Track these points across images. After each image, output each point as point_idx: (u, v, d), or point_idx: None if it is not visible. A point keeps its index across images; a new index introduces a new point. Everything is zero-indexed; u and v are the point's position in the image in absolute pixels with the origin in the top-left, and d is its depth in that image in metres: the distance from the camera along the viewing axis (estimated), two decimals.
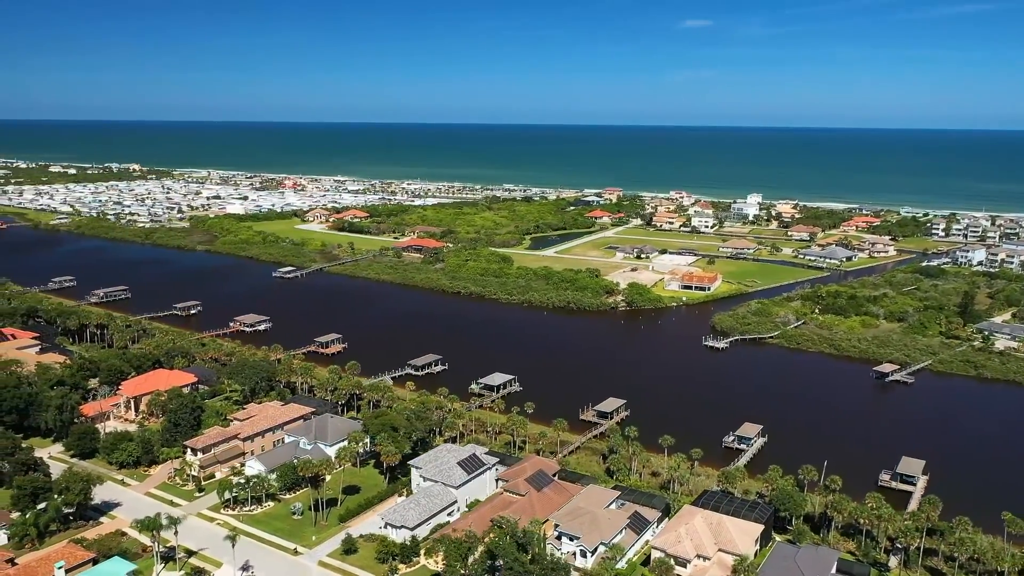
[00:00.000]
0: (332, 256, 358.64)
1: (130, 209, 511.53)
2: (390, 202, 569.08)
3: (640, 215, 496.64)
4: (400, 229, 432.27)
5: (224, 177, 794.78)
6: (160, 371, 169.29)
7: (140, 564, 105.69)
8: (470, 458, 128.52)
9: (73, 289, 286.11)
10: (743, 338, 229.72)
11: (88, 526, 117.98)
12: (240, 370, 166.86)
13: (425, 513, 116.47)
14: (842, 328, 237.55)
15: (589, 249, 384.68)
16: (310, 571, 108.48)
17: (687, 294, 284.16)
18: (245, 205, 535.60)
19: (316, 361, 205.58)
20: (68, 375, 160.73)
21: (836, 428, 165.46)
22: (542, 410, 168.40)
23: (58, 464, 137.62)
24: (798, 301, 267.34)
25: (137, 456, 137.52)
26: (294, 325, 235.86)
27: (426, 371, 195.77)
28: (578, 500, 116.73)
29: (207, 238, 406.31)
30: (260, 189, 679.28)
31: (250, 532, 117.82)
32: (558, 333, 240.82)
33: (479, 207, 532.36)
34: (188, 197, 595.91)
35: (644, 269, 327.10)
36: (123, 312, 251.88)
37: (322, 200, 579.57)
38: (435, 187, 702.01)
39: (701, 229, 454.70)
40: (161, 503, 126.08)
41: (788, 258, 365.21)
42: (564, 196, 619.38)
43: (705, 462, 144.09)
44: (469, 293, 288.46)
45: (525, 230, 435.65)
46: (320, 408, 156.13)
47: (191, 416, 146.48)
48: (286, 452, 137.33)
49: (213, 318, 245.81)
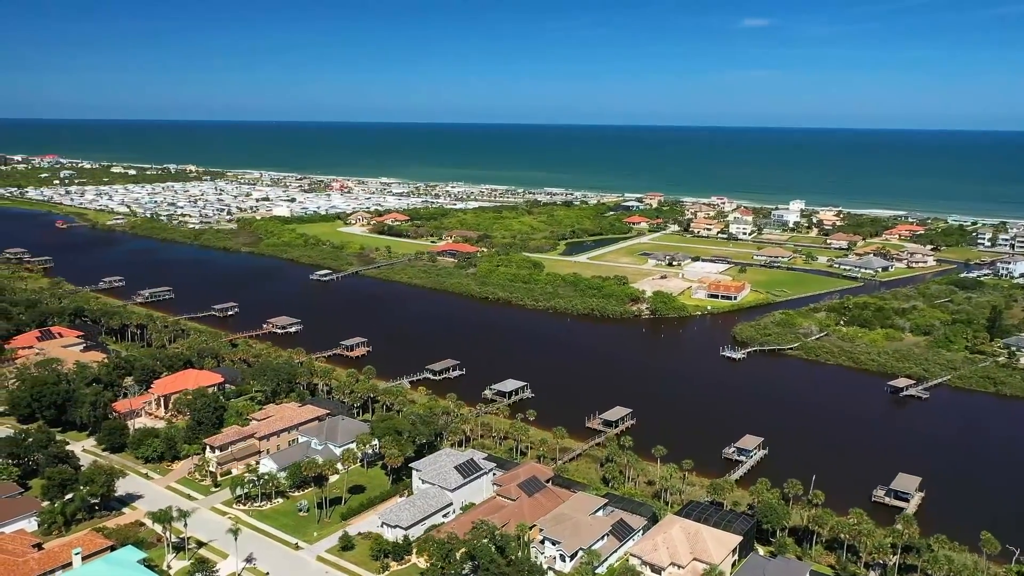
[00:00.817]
0: (369, 259, 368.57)
1: (182, 210, 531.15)
2: (432, 205, 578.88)
3: (678, 221, 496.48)
4: (438, 233, 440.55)
5: (275, 179, 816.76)
6: (189, 371, 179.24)
7: (153, 553, 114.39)
8: (467, 463, 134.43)
9: (122, 289, 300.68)
10: (761, 349, 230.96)
11: (111, 516, 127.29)
12: (262, 372, 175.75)
13: (419, 514, 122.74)
14: (864, 341, 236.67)
15: (622, 255, 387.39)
16: (308, 565, 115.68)
17: (713, 303, 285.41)
18: (292, 207, 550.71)
19: (341, 364, 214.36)
20: (104, 373, 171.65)
21: (840, 442, 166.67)
22: (551, 417, 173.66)
23: (89, 457, 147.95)
24: (824, 312, 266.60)
25: (161, 452, 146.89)
26: (324, 328, 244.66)
27: (443, 376, 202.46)
28: (565, 506, 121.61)
29: (252, 240, 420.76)
30: (308, 191, 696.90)
31: (257, 526, 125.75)
32: (578, 340, 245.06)
33: (519, 211, 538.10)
34: (238, 199, 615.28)
35: (674, 277, 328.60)
36: (166, 312, 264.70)
37: (367, 203, 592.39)
38: (478, 190, 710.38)
39: (739, 236, 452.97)
40: (179, 497, 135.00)
41: (823, 267, 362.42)
42: (605, 201, 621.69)
43: (703, 473, 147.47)
44: (497, 298, 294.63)
45: (561, 235, 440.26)
46: (335, 410, 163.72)
47: (213, 415, 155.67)
48: (298, 452, 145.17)
49: (248, 319, 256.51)
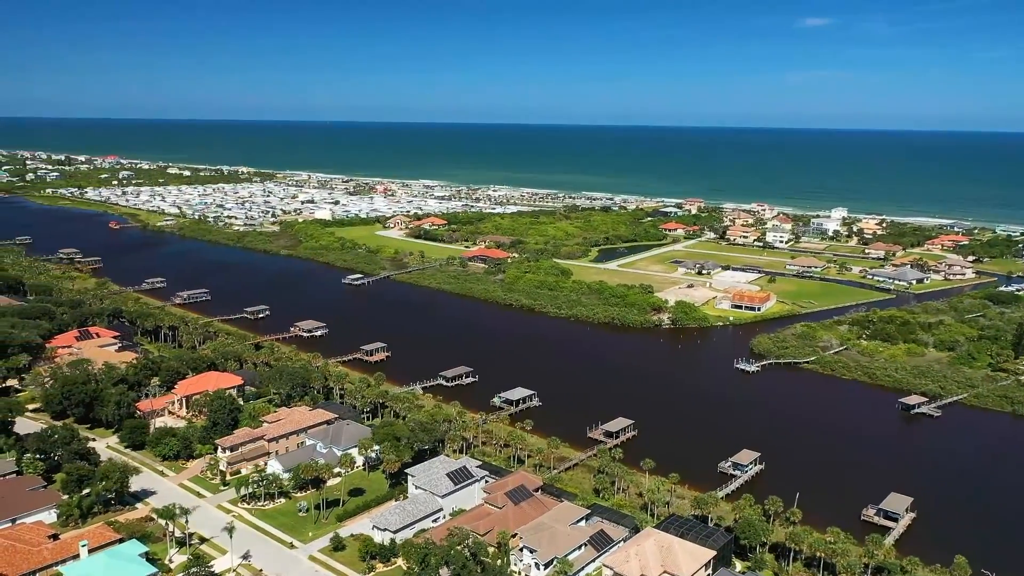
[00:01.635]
0: (402, 264, 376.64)
1: (230, 212, 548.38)
2: (471, 209, 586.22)
3: (714, 228, 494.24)
4: (472, 238, 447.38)
5: (322, 181, 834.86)
6: (211, 373, 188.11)
7: (159, 547, 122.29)
8: (459, 470, 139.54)
9: (163, 290, 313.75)
10: (777, 362, 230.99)
11: (124, 510, 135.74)
12: (278, 376, 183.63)
13: (409, 518, 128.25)
14: (884, 356, 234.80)
15: (653, 263, 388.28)
16: (300, 563, 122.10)
17: (735, 314, 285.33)
18: (335, 210, 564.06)
19: (360, 368, 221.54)
20: (131, 374, 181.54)
21: (841, 459, 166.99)
22: (556, 426, 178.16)
23: (112, 454, 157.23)
24: (847, 325, 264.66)
25: (177, 450, 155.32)
26: (349, 332, 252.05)
27: (456, 383, 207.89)
28: (547, 515, 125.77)
29: (292, 243, 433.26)
30: (353, 194, 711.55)
31: (258, 525, 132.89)
32: (594, 349, 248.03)
33: (556, 216, 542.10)
34: (284, 201, 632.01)
35: (701, 286, 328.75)
36: (202, 313, 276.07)
37: (408, 206, 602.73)
38: (519, 194, 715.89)
39: (775, 245, 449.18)
40: (189, 494, 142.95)
41: (856, 278, 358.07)
42: (644, 206, 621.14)
43: (697, 486, 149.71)
44: (521, 305, 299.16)
45: (594, 241, 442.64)
46: (345, 415, 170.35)
47: (228, 416, 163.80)
48: (303, 454, 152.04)
49: (278, 322, 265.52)
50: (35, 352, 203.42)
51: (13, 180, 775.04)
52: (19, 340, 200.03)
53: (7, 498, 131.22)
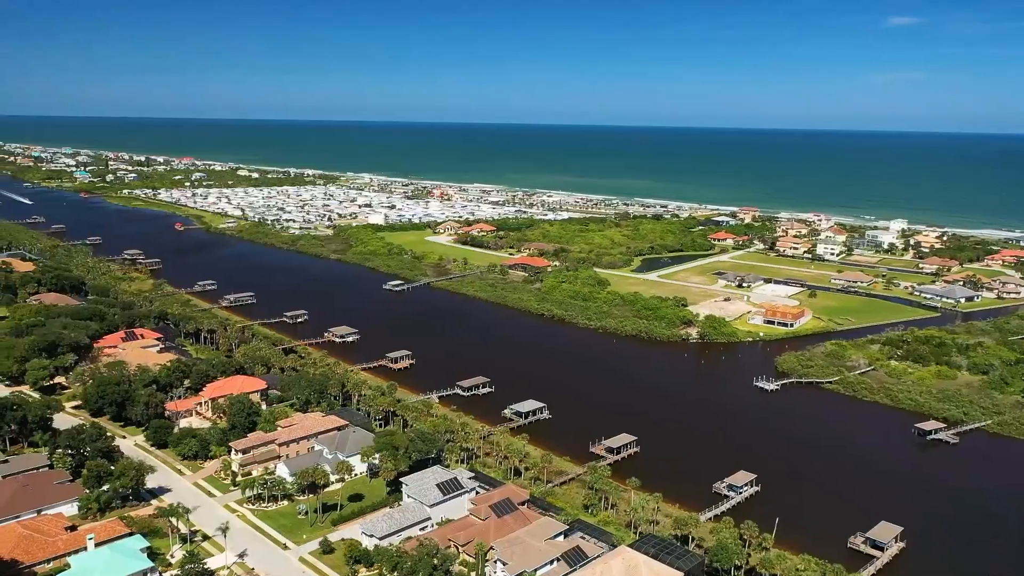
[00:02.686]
0: (444, 270, 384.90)
1: (289, 215, 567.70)
2: (522, 215, 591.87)
3: (763, 239, 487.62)
4: (518, 245, 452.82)
5: (382, 184, 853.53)
6: (238, 377, 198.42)
7: (164, 543, 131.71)
8: (450, 481, 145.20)
9: (213, 292, 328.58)
10: (799, 381, 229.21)
11: (140, 506, 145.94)
12: (297, 381, 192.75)
13: (396, 525, 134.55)
14: (912, 378, 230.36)
15: (694, 274, 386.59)
16: (290, 564, 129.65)
17: (767, 329, 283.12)
18: (389, 214, 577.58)
19: (384, 375, 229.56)
20: (163, 375, 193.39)
21: (841, 483, 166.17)
22: (562, 439, 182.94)
23: (139, 452, 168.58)
24: (880, 344, 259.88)
25: (196, 450, 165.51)
26: (380, 338, 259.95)
27: (472, 392, 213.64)
28: (525, 529, 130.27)
29: (342, 247, 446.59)
30: (411, 197, 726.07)
31: (259, 525, 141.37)
32: (616, 362, 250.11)
33: (606, 224, 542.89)
34: (343, 204, 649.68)
35: (738, 299, 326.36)
36: (245, 317, 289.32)
37: (461, 211, 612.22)
38: (573, 199, 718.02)
39: (826, 257, 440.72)
40: (201, 492, 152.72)
41: (903, 294, 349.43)
42: (698, 214, 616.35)
43: (689, 505, 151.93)
44: (552, 316, 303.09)
45: (638, 251, 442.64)
46: (357, 421, 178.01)
47: (246, 420, 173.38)
48: (310, 459, 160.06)
49: (315, 327, 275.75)
50: (82, 352, 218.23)
51: (95, 181, 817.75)
52: (68, 340, 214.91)
53: (36, 490, 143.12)
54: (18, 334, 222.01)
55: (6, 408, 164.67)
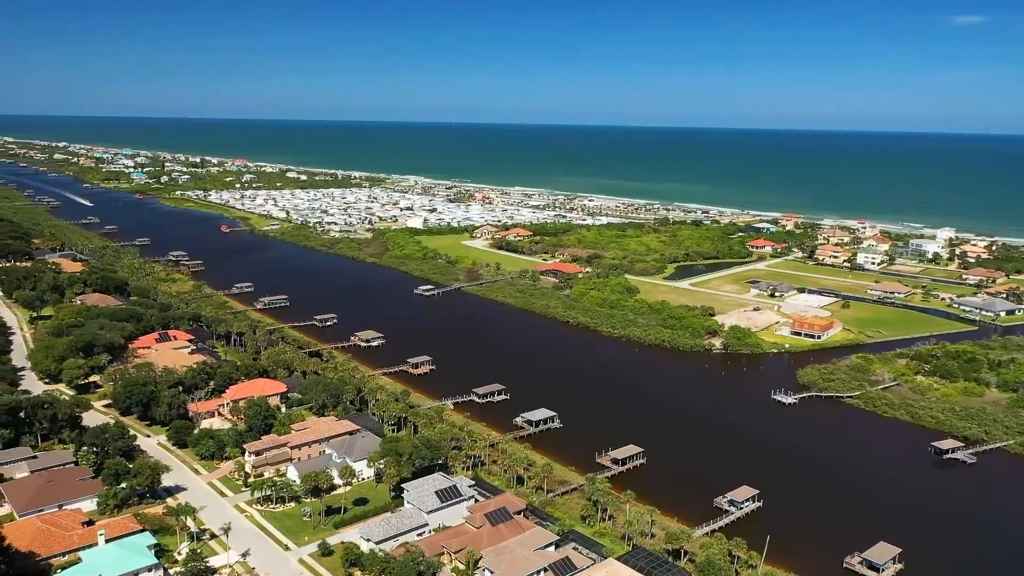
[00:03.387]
0: (476, 275, 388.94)
1: (331, 218, 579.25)
2: (560, 220, 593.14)
3: (802, 247, 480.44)
4: (553, 250, 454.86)
5: (426, 186, 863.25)
6: (259, 380, 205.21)
7: (173, 540, 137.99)
8: (449, 488, 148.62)
9: (250, 294, 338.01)
10: (818, 395, 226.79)
11: (155, 504, 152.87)
12: (314, 386, 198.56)
13: (393, 531, 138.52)
14: (937, 394, 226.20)
15: (727, 282, 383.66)
16: (289, 564, 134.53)
17: (793, 340, 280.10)
18: (429, 218, 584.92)
19: (404, 381, 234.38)
20: (188, 377, 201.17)
21: (847, 501, 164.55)
22: (570, 448, 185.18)
23: (159, 450, 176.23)
24: (908, 359, 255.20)
25: (213, 451, 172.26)
26: (405, 343, 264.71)
27: (487, 400, 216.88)
28: (515, 539, 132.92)
29: (379, 250, 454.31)
30: (453, 200, 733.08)
31: (264, 525, 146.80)
32: (634, 372, 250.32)
33: (644, 229, 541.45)
34: (385, 207, 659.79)
35: (768, 309, 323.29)
36: (277, 319, 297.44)
37: (501, 215, 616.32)
38: (614, 204, 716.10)
39: (866, 266, 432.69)
40: (214, 492, 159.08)
41: (941, 306, 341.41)
42: (739, 220, 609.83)
43: (689, 520, 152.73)
44: (577, 323, 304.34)
45: (673, 258, 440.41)
46: (369, 427, 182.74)
47: (262, 422, 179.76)
48: (319, 463, 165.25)
49: (343, 330, 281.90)
50: (117, 352, 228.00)
51: (150, 182, 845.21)
52: (103, 340, 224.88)
53: (59, 486, 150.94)
54: (58, 334, 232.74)
55: (38, 406, 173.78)
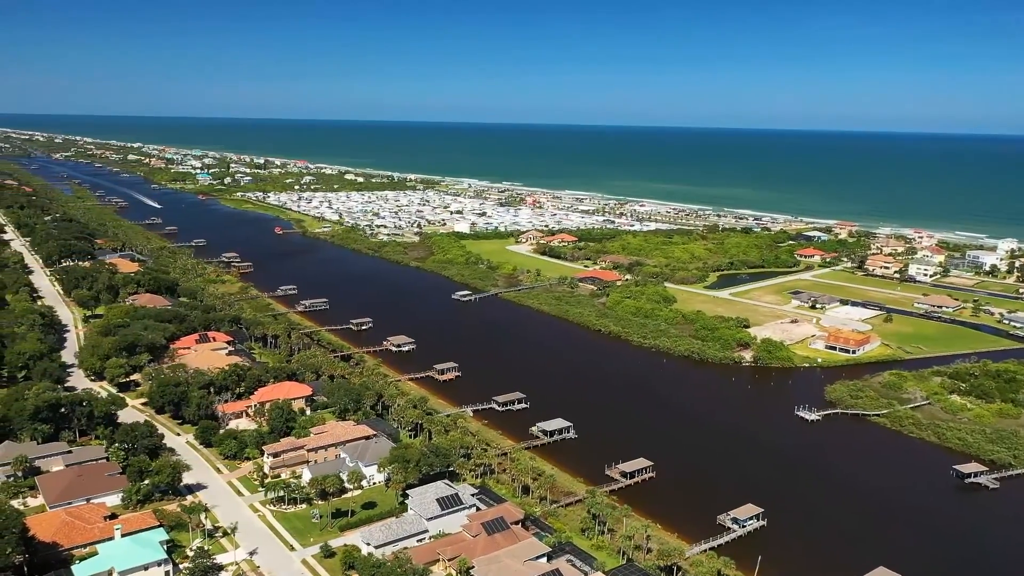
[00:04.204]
0: (515, 281, 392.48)
1: (381, 221, 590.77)
2: (608, 225, 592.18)
3: (851, 257, 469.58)
4: (595, 257, 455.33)
5: (478, 190, 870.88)
6: (285, 383, 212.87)
7: (188, 536, 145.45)
8: (451, 496, 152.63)
9: (293, 297, 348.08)
10: (844, 412, 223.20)
11: (175, 500, 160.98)
12: (334, 391, 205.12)
13: (392, 536, 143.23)
14: (969, 415, 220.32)
15: (768, 293, 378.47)
16: (292, 565, 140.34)
17: (827, 355, 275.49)
18: (478, 222, 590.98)
19: (431, 387, 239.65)
20: (219, 378, 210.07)
21: (852, 523, 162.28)
22: (583, 459, 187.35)
23: (186, 448, 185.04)
24: (944, 377, 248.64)
25: (235, 451, 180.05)
26: (435, 348, 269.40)
27: (507, 408, 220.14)
28: (506, 550, 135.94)
29: (424, 254, 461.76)
30: (505, 204, 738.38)
31: (274, 525, 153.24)
32: (658, 383, 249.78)
33: (692, 236, 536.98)
34: (436, 210, 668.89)
35: (807, 322, 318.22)
36: (316, 322, 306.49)
37: (549, 220, 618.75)
38: (665, 209, 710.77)
39: (917, 278, 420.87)
40: (231, 491, 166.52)
41: (991, 322, 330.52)
42: (791, 228, 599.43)
43: (690, 536, 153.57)
44: (608, 332, 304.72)
45: (716, 266, 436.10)
46: (385, 432, 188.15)
47: (283, 425, 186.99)
48: (333, 466, 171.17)
49: (378, 335, 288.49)
50: (159, 352, 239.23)
51: (214, 183, 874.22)
52: (145, 340, 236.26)
53: (88, 480, 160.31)
54: (105, 333, 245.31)
55: (76, 404, 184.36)
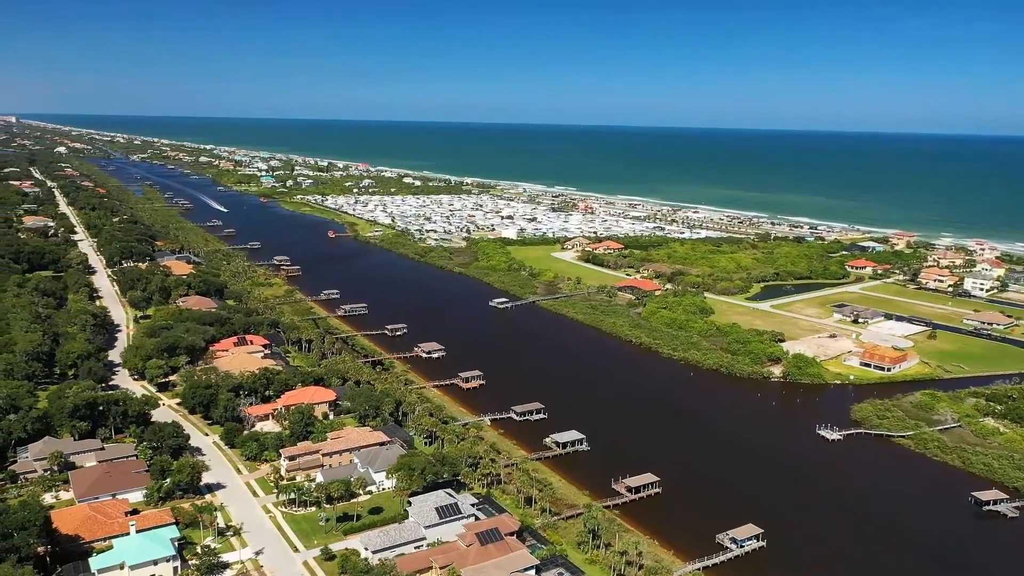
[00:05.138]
0: (554, 289, 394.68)
1: (432, 225, 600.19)
2: (658, 232, 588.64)
3: (903, 269, 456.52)
4: (638, 265, 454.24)
5: (533, 194, 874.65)
6: (310, 388, 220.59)
7: (200, 533, 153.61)
8: (450, 505, 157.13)
9: (335, 301, 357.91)
10: (868, 432, 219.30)
11: (194, 498, 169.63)
12: (356, 397, 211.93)
13: (390, 542, 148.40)
14: (1000, 439, 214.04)
15: (810, 306, 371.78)
16: (294, 565, 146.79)
17: (860, 372, 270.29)
18: (527, 227, 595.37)
19: (455, 394, 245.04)
20: (249, 381, 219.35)
21: (856, 549, 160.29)
22: (592, 472, 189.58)
23: (212, 448, 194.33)
24: (980, 398, 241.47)
25: (256, 453, 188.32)
26: (463, 356, 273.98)
27: (525, 418, 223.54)
28: (494, 561, 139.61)
29: (469, 260, 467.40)
30: (556, 210, 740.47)
31: (282, 527, 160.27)
32: (682, 397, 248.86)
33: (742, 245, 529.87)
34: (488, 215, 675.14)
35: (846, 337, 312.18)
36: (353, 327, 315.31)
37: (599, 227, 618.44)
38: (718, 216, 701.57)
39: (973, 293, 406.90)
40: (248, 491, 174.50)
41: None
42: (847, 237, 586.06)
43: (686, 554, 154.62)
44: (640, 343, 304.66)
45: (761, 277, 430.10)
46: (400, 439, 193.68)
47: (303, 429, 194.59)
48: (344, 471, 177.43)
49: (412, 340, 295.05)
50: (198, 353, 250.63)
51: (276, 185, 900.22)
52: (185, 343, 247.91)
53: (115, 476, 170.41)
54: (150, 335, 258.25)
55: (111, 403, 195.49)
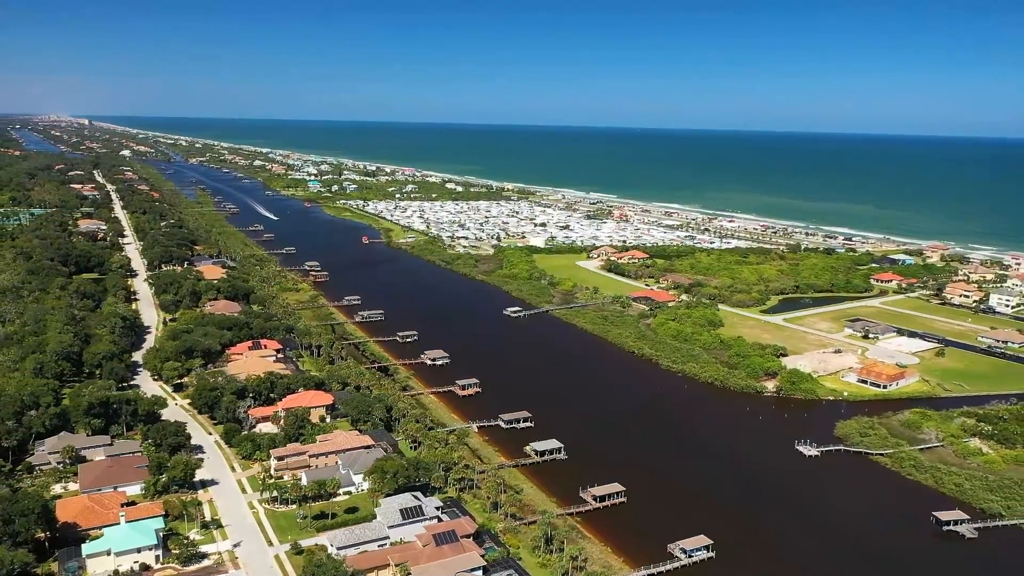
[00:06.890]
0: (570, 299, 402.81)
1: (464, 232, 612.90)
2: (688, 242, 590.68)
3: (927, 284, 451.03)
4: (659, 276, 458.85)
5: (570, 201, 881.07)
6: (310, 392, 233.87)
7: (187, 526, 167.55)
8: (413, 508, 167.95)
9: (355, 307, 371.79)
10: (846, 449, 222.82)
11: (188, 493, 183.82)
12: (350, 402, 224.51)
13: (355, 540, 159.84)
14: (979, 460, 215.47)
15: (824, 320, 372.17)
16: (266, 559, 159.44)
17: (855, 389, 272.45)
18: (558, 235, 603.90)
19: (451, 401, 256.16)
20: (252, 384, 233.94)
21: (806, 564, 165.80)
22: (563, 481, 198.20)
23: (213, 446, 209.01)
24: (971, 419, 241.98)
25: (250, 452, 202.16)
26: (466, 364, 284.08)
27: (512, 426, 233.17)
28: (446, 560, 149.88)
29: (493, 267, 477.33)
30: (592, 217, 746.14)
31: (263, 522, 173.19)
32: (671, 409, 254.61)
33: (769, 256, 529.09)
34: (522, 222, 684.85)
35: (852, 352, 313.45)
36: (369, 333, 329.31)
37: (630, 235, 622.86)
38: (755, 226, 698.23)
39: (997, 309, 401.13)
40: (238, 488, 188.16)
41: None
42: (879, 249, 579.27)
43: (636, 562, 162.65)
44: (642, 354, 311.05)
45: (780, 289, 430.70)
46: (386, 443, 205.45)
47: (296, 431, 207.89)
48: (325, 472, 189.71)
49: (420, 347, 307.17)
50: (214, 356, 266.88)
51: (322, 190, 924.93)
52: (201, 346, 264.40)
53: (117, 471, 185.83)
54: (172, 338, 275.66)
55: (123, 402, 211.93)
